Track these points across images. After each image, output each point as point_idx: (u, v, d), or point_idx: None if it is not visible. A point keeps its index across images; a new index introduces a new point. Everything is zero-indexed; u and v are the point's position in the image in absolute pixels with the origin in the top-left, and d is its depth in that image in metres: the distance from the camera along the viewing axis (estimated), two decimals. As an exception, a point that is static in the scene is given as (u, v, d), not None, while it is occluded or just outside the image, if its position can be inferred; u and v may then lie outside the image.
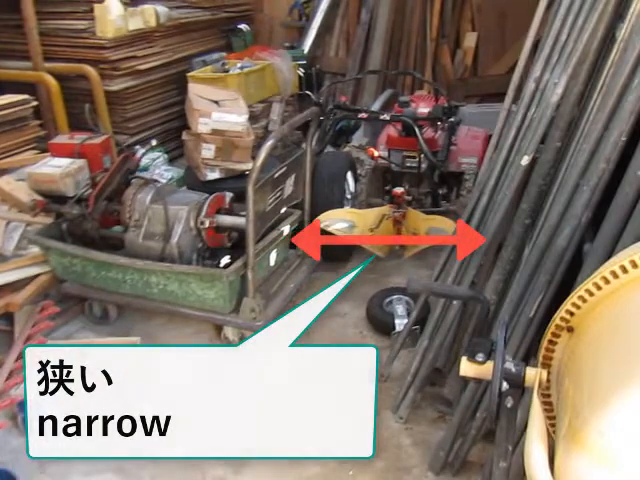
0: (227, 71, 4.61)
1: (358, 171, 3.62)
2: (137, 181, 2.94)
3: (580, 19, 1.76)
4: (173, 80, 5.11)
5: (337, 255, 3.51)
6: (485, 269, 2.14)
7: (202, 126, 3.39)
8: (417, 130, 2.80)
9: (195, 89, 3.65)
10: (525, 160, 1.85)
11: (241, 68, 4.58)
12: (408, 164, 3.31)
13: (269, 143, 2.37)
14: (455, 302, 2.10)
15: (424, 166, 3.23)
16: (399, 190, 3.07)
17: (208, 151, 3.44)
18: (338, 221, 3.05)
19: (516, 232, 1.98)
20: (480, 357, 1.27)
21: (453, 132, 3.01)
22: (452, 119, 2.91)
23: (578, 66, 1.71)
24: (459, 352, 2.39)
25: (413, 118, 3.08)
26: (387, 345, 2.83)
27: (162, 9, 4.84)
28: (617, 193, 1.53)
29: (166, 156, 4.67)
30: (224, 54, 5.31)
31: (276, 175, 2.62)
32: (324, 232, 3.06)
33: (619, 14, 1.68)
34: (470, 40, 5.36)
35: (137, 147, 4.46)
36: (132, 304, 2.89)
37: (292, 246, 3.19)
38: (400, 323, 2.80)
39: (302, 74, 5.27)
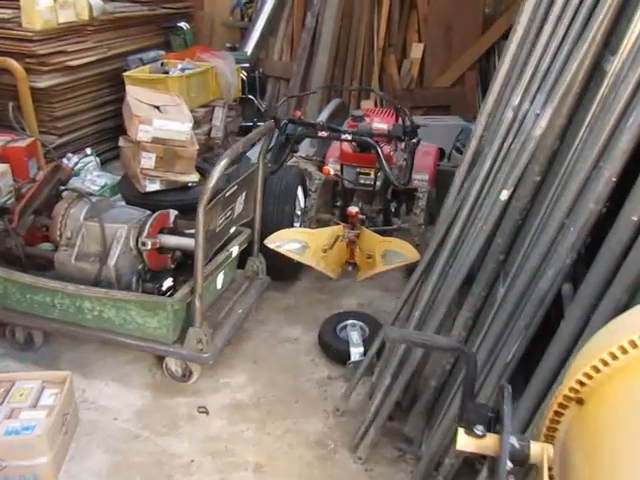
0: (167, 72, 4.36)
1: (307, 185, 3.46)
2: (70, 194, 2.66)
3: (565, 48, 1.67)
4: (107, 78, 4.79)
5: (285, 274, 3.34)
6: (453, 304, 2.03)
7: (142, 134, 3.13)
8: (380, 152, 2.66)
9: (134, 92, 3.38)
10: (505, 195, 1.75)
11: (182, 70, 4.33)
12: (362, 181, 3.16)
13: (223, 162, 2.17)
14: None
15: (379, 183, 3.10)
16: (354, 210, 2.92)
17: (148, 160, 3.18)
18: (290, 242, 2.87)
19: (489, 268, 1.88)
20: (479, 430, 1.13)
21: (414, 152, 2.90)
22: (415, 140, 2.80)
23: (563, 98, 1.62)
24: (419, 387, 2.28)
25: (370, 134, 2.94)
26: (340, 374, 2.69)
27: (96, 2, 4.52)
28: (608, 238, 1.44)
29: (98, 160, 4.35)
30: (162, 52, 5.04)
31: (227, 194, 2.41)
32: (274, 253, 2.89)
33: (605, 45, 1.60)
34: (417, 51, 5.31)
35: (69, 155, 4.12)
36: (62, 331, 2.60)
37: (239, 266, 3.00)
38: (356, 352, 2.67)
39: (245, 77, 5.08)
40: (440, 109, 5.27)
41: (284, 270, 3.27)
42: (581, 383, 1.09)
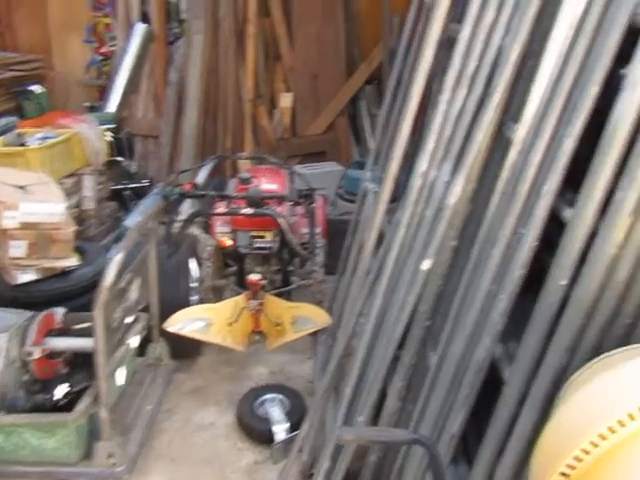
0: (24, 143, 3.97)
1: (198, 252, 3.28)
2: None
3: (467, 115, 1.71)
4: (-49, 153, 4.28)
5: (186, 352, 3.13)
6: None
7: (8, 220, 2.79)
8: (284, 225, 2.56)
9: (-8, 173, 3.02)
10: (426, 264, 1.74)
11: (42, 139, 3.97)
12: (257, 245, 3.07)
13: (118, 258, 1.96)
14: (361, 419, 1.89)
15: (275, 246, 3.02)
16: (255, 277, 2.79)
17: (18, 249, 2.84)
18: (192, 321, 2.68)
19: (416, 336, 1.85)
20: None
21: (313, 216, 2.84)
22: (314, 204, 2.74)
23: (472, 165, 1.64)
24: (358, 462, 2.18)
25: (261, 197, 2.86)
26: (267, 457, 2.53)
27: None
28: (539, 304, 1.46)
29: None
30: (14, 119, 4.61)
31: (122, 284, 2.20)
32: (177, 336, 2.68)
33: (506, 111, 1.65)
34: (285, 100, 5.34)
35: None
36: None
37: (140, 352, 2.75)
38: (280, 430, 2.52)
39: (112, 139, 4.79)
40: (315, 156, 5.32)
41: (186, 348, 3.06)
42: (571, 467, 1.07)
